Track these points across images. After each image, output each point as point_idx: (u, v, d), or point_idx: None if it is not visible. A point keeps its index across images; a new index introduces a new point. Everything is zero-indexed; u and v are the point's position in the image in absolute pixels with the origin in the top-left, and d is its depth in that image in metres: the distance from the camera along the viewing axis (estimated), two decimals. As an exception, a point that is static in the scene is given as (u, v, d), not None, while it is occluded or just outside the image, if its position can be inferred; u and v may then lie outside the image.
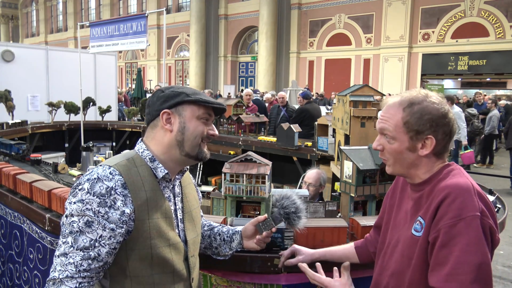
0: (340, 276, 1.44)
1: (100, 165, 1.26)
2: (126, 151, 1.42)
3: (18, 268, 2.67)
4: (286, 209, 1.49)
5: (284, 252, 1.68)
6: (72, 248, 1.16)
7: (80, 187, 1.20)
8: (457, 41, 17.68)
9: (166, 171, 1.32)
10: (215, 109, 1.38)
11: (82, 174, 3.31)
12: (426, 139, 1.25)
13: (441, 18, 17.97)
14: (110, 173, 1.21)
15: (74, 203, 1.18)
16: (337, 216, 2.17)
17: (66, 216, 1.20)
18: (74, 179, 3.19)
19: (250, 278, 1.76)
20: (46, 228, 2.31)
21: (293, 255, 1.67)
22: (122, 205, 1.20)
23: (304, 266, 1.52)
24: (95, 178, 1.20)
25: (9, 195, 2.70)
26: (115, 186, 1.20)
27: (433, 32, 18.32)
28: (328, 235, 1.82)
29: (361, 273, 1.71)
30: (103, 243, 1.18)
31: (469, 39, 17.29)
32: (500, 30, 16.61)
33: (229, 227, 1.65)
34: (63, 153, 6.61)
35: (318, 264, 1.49)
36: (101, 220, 1.17)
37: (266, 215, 1.56)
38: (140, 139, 1.39)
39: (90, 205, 1.17)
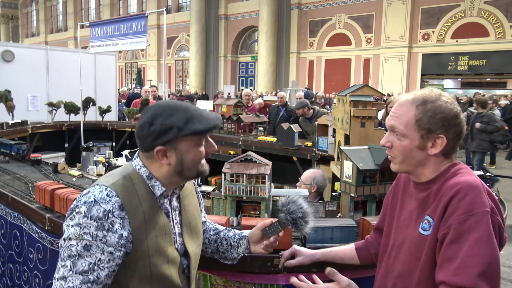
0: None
1: (97, 185, 1.24)
2: (124, 166, 1.37)
3: (18, 268, 2.67)
4: (293, 214, 1.47)
5: (284, 253, 1.68)
6: (71, 272, 1.15)
7: (77, 210, 1.18)
8: (457, 41, 17.67)
9: (164, 189, 1.30)
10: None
11: (82, 174, 3.34)
12: (437, 138, 1.24)
13: (441, 18, 17.96)
14: (107, 195, 1.19)
15: (72, 226, 1.17)
16: (337, 216, 2.17)
17: (64, 240, 1.18)
18: (74, 179, 3.19)
19: (250, 278, 1.76)
20: (46, 228, 2.31)
21: (293, 255, 1.67)
22: (120, 228, 1.19)
23: (297, 282, 1.36)
24: (91, 201, 1.18)
25: (9, 195, 2.70)
26: (112, 209, 1.18)
27: (433, 32, 18.31)
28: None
29: (361, 273, 1.70)
30: (102, 266, 1.17)
31: (469, 39, 17.28)
32: (500, 30, 16.60)
33: (236, 231, 1.63)
34: (63, 153, 6.61)
35: (315, 276, 1.38)
36: (99, 244, 1.16)
37: (272, 219, 1.54)
38: (137, 153, 1.35)
39: (87, 229, 1.15)
